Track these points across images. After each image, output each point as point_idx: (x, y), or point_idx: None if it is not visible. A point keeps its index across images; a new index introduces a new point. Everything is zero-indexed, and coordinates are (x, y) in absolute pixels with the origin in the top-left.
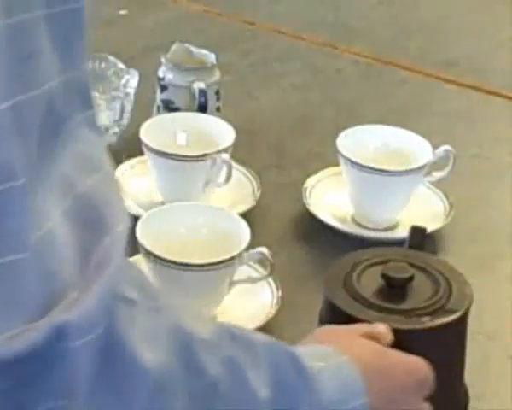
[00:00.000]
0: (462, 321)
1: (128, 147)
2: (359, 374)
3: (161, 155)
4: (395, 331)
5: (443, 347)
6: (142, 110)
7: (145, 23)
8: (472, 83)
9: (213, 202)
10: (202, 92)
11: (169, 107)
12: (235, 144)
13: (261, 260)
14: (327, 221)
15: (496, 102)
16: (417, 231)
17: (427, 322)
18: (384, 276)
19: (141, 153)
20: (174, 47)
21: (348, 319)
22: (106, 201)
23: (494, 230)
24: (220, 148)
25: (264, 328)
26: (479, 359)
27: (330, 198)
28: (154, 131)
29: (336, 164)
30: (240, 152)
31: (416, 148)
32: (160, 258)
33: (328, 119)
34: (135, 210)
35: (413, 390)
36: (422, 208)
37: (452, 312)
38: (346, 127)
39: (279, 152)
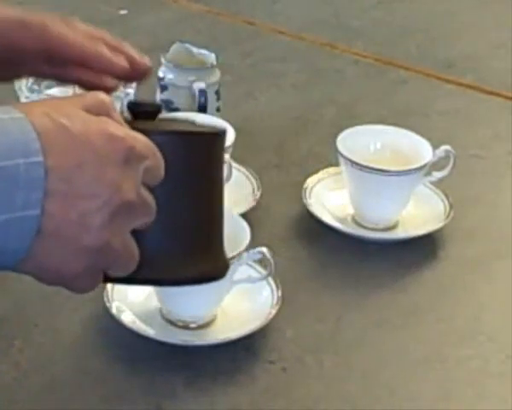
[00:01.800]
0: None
1: None
2: (33, 132)
3: None
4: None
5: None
6: None
7: (145, 23)
8: (472, 83)
9: None
10: (202, 92)
11: (169, 107)
12: (235, 144)
13: (261, 260)
14: (327, 221)
15: (496, 102)
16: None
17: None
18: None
19: None
20: (174, 47)
21: None
22: None
23: (494, 230)
24: None
25: (264, 328)
26: (479, 359)
27: (330, 198)
28: None
29: (336, 164)
30: (240, 152)
31: (416, 148)
32: None
33: (328, 119)
34: None
35: (116, 160)
36: (422, 208)
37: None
38: (346, 127)
39: (279, 152)
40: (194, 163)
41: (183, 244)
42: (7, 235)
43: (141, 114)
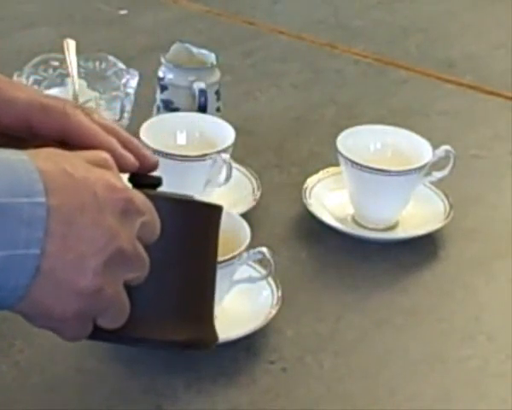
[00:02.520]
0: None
1: None
2: (36, 173)
3: (161, 154)
4: None
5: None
6: (142, 110)
7: (145, 23)
8: (472, 83)
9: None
10: (202, 92)
11: (169, 107)
12: (235, 144)
13: (261, 260)
14: (327, 221)
15: (496, 102)
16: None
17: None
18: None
19: None
20: (174, 47)
21: None
22: None
23: (494, 230)
24: (220, 148)
25: (264, 328)
26: (479, 359)
27: (330, 198)
28: (154, 131)
29: (336, 164)
30: (240, 152)
31: (416, 148)
32: None
33: (328, 119)
34: None
35: (114, 208)
36: (422, 208)
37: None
38: (346, 127)
39: (279, 152)
40: (190, 231)
41: (173, 308)
42: (9, 272)
43: (141, 185)
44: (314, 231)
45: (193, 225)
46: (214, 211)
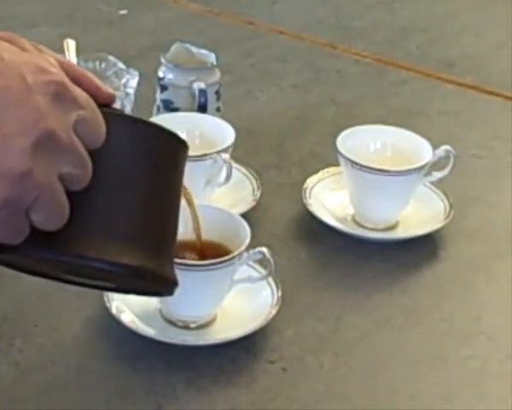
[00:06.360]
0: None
1: None
2: None
3: None
4: None
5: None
6: (142, 110)
7: (145, 23)
8: (472, 83)
9: (213, 202)
10: (202, 92)
11: (169, 107)
12: (235, 144)
13: (261, 260)
14: (327, 221)
15: (496, 102)
16: None
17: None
18: None
19: None
20: (174, 47)
21: None
22: None
23: (494, 230)
24: (220, 148)
25: (264, 328)
26: (479, 359)
27: (330, 198)
28: None
29: (336, 164)
30: (240, 152)
31: (416, 148)
32: None
33: (328, 119)
34: None
35: (44, 90)
36: (422, 208)
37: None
38: (346, 127)
39: (279, 152)
40: (149, 153)
41: (128, 230)
42: None
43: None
44: (314, 231)
45: (152, 148)
46: (177, 142)
